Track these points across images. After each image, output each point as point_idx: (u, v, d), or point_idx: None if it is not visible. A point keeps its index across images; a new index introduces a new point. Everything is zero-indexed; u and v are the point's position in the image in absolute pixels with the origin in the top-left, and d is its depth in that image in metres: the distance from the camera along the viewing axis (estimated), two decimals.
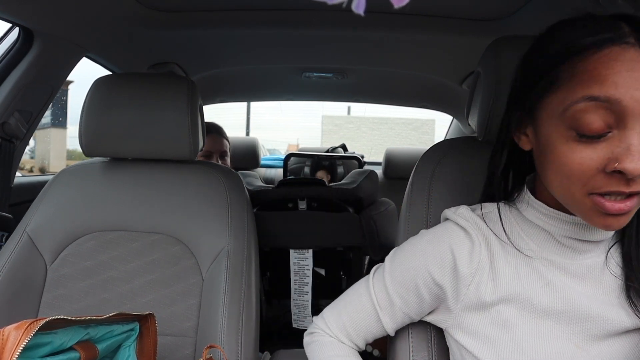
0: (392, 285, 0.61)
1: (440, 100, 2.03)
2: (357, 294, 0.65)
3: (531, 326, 0.53)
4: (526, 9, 1.04)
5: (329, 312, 0.67)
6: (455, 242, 0.57)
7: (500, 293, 0.54)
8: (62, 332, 0.57)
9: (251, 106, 12.35)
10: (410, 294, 0.60)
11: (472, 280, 0.55)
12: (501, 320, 0.54)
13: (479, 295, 0.55)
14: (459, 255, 0.56)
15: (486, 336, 0.54)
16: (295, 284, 1.43)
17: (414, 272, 0.59)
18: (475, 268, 0.55)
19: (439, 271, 0.57)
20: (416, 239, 0.62)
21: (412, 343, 0.70)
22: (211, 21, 1.22)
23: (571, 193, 0.47)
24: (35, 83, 1.15)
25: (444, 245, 0.58)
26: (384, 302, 0.62)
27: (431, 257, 0.58)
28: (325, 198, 1.49)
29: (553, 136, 0.47)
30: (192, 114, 0.91)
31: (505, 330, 0.53)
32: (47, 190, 0.97)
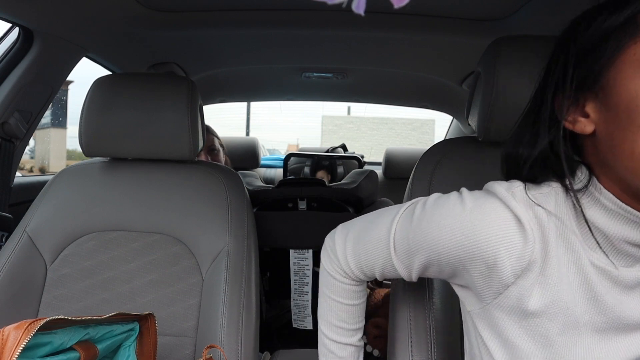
0: (415, 243, 0.54)
1: (440, 100, 2.02)
2: (378, 234, 0.59)
3: (573, 343, 0.46)
4: (526, 9, 1.04)
5: (350, 249, 0.63)
6: (502, 238, 0.47)
7: (546, 301, 0.46)
8: (62, 332, 0.57)
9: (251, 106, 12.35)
10: (433, 265, 0.53)
11: (515, 282, 0.47)
12: (541, 333, 0.47)
13: (520, 301, 0.47)
14: (503, 257, 0.46)
15: (517, 346, 0.48)
16: (295, 284, 1.43)
17: (443, 251, 0.51)
18: (522, 270, 0.46)
19: (472, 266, 0.49)
20: (456, 208, 0.51)
21: (412, 343, 0.70)
22: (211, 21, 1.22)
23: None
24: (35, 83, 1.15)
25: (487, 241, 0.47)
26: (402, 254, 0.56)
27: (467, 248, 0.48)
28: (325, 198, 1.49)
29: (636, 94, 0.40)
30: (192, 114, 0.91)
31: (542, 346, 0.47)
32: (47, 190, 0.97)
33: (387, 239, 0.57)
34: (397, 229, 0.57)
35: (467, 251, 0.49)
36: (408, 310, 0.72)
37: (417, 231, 0.54)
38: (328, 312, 0.68)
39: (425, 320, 0.71)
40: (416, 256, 0.54)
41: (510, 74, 0.71)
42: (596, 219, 0.46)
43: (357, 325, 0.69)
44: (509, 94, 0.71)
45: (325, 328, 0.69)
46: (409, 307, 0.73)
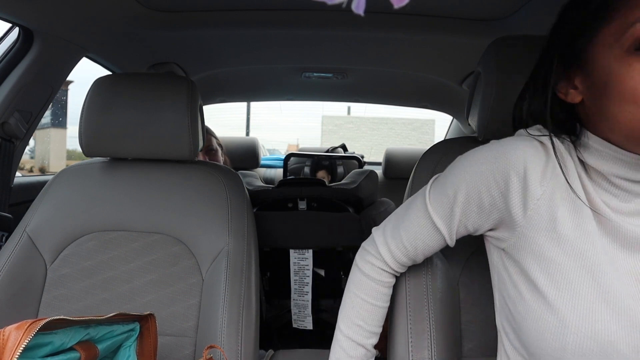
0: (454, 192, 0.58)
1: (440, 100, 2.03)
2: (414, 208, 0.64)
3: (603, 256, 0.50)
4: (526, 9, 1.04)
5: (389, 233, 0.66)
6: (529, 152, 0.54)
7: (572, 218, 0.52)
8: (62, 333, 0.57)
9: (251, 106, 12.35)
10: (472, 204, 0.57)
11: (543, 195, 0.53)
12: (571, 245, 0.51)
13: (551, 213, 0.52)
14: (531, 167, 0.53)
15: (553, 260, 0.51)
16: (295, 284, 1.43)
17: (479, 179, 0.56)
18: (548, 182, 0.53)
19: (505, 183, 0.54)
20: (485, 147, 0.59)
21: (412, 343, 0.70)
22: (211, 21, 1.22)
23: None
24: (35, 83, 1.15)
25: (516, 155, 0.54)
26: (443, 213, 0.60)
27: (500, 166, 0.55)
28: (325, 198, 1.49)
29: (614, 65, 0.47)
30: (192, 114, 0.91)
31: (575, 258, 0.50)
32: (47, 190, 0.97)
33: (424, 206, 0.62)
34: (431, 192, 0.62)
35: (500, 168, 0.55)
36: (408, 310, 0.72)
37: (451, 177, 0.60)
38: (350, 309, 0.69)
39: (425, 320, 0.71)
40: (457, 200, 0.58)
41: (510, 74, 0.71)
42: (589, 160, 0.53)
43: (374, 328, 0.69)
44: (509, 94, 0.71)
45: (342, 324, 0.69)
46: (409, 307, 0.73)
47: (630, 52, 0.45)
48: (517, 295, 0.55)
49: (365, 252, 0.70)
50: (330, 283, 1.58)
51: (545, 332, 0.50)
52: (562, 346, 0.49)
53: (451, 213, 0.59)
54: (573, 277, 0.50)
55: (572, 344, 0.48)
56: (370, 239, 0.71)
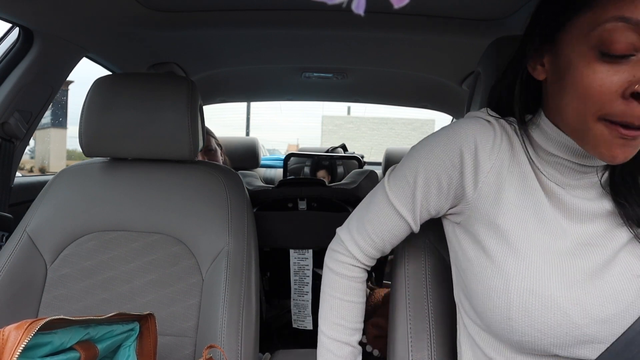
0: (413, 177, 0.61)
1: (440, 100, 2.03)
2: (375, 201, 0.65)
3: (545, 225, 0.54)
4: (526, 9, 1.04)
5: (354, 229, 0.68)
6: (479, 130, 0.57)
7: (517, 190, 0.55)
8: (62, 332, 0.57)
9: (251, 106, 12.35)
10: (431, 185, 0.60)
11: (492, 169, 0.56)
12: (516, 214, 0.55)
13: (498, 184, 0.56)
14: (481, 143, 0.56)
15: (500, 226, 0.55)
16: (295, 284, 1.43)
17: (436, 161, 0.59)
18: (495, 156, 0.56)
19: (459, 160, 0.57)
20: (436, 132, 0.62)
21: (412, 343, 0.70)
22: (211, 21, 1.22)
23: (584, 118, 0.47)
24: (35, 83, 1.15)
25: (467, 134, 0.57)
26: (404, 199, 0.62)
27: (454, 146, 0.58)
28: (325, 198, 1.49)
29: (576, 58, 0.47)
30: (192, 114, 0.91)
31: (518, 223, 0.54)
32: (47, 190, 0.97)
33: (385, 196, 0.64)
34: (390, 181, 0.64)
35: (454, 147, 0.58)
36: (408, 310, 0.72)
37: (407, 164, 0.62)
38: (328, 311, 0.71)
39: (425, 320, 0.71)
40: (417, 184, 0.60)
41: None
42: (544, 144, 0.55)
43: (355, 324, 0.71)
44: None
45: (324, 327, 0.70)
46: (409, 307, 0.73)
47: (595, 51, 0.45)
48: (468, 263, 0.58)
49: (334, 252, 0.72)
50: None
51: (491, 291, 0.53)
52: (507, 304, 0.51)
53: (413, 198, 0.61)
54: (516, 240, 0.53)
55: (516, 300, 0.51)
56: (336, 238, 0.73)
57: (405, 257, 0.75)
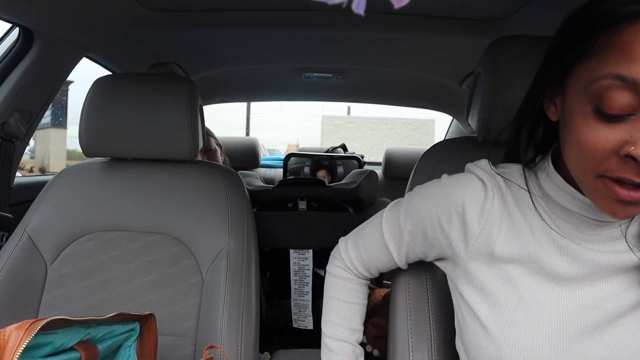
0: (404, 220, 0.63)
1: (440, 100, 2.03)
2: (372, 225, 0.69)
3: (539, 287, 0.52)
4: (526, 9, 1.04)
5: (351, 243, 0.72)
6: (469, 191, 0.57)
7: (511, 250, 0.54)
8: (62, 333, 0.57)
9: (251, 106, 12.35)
10: (418, 233, 0.61)
11: (482, 232, 0.55)
12: (508, 277, 0.53)
13: (488, 247, 0.55)
14: (470, 207, 0.56)
15: (490, 291, 0.54)
16: (295, 284, 1.43)
17: (425, 214, 0.60)
18: (485, 220, 0.55)
19: (447, 221, 0.58)
20: (436, 182, 0.63)
21: (412, 343, 0.70)
22: (211, 21, 1.22)
23: (583, 172, 0.45)
24: (35, 83, 1.15)
25: (457, 195, 0.57)
26: (393, 234, 0.65)
27: (443, 205, 0.58)
28: (325, 198, 1.49)
29: (575, 109, 0.45)
30: (192, 114, 0.91)
31: (511, 288, 0.53)
32: (47, 190, 0.97)
33: (379, 225, 0.67)
34: (388, 214, 0.67)
35: (443, 206, 0.58)
36: (408, 310, 0.72)
37: (405, 205, 0.64)
38: (329, 312, 0.73)
39: (425, 320, 0.71)
40: (405, 227, 0.63)
41: (510, 74, 0.71)
42: (552, 193, 0.53)
43: (356, 325, 0.72)
44: (509, 94, 0.71)
45: (326, 328, 0.73)
46: (409, 307, 0.73)
47: (592, 106, 0.43)
48: (462, 318, 0.58)
49: (333, 258, 0.76)
50: None
51: (484, 357, 0.53)
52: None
53: (400, 237, 0.64)
54: (509, 308, 0.52)
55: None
56: (336, 246, 0.77)
57: None
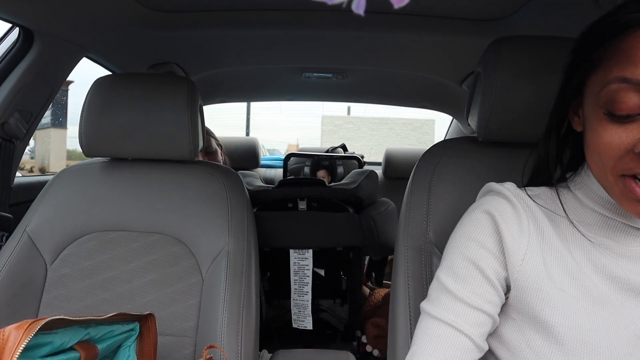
0: (452, 281, 0.54)
1: (440, 100, 2.03)
2: (423, 329, 0.55)
3: (589, 312, 0.50)
4: (526, 9, 1.04)
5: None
6: (499, 211, 0.54)
7: (556, 273, 0.51)
8: (62, 332, 0.57)
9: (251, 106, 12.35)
10: (472, 278, 0.53)
11: (525, 255, 0.52)
12: (556, 302, 0.50)
13: (535, 274, 0.51)
14: (505, 226, 0.53)
15: (544, 320, 0.50)
16: (295, 284, 1.43)
17: (466, 252, 0.55)
18: (527, 242, 0.52)
19: (486, 237, 0.54)
20: (458, 225, 0.59)
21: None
22: (211, 21, 1.22)
23: (605, 173, 0.47)
24: (35, 83, 1.15)
25: (484, 215, 0.55)
26: (453, 310, 0.53)
27: (475, 225, 0.55)
28: (325, 198, 1.49)
29: (590, 116, 0.48)
30: (192, 114, 0.91)
31: (565, 317, 0.49)
32: (47, 190, 0.97)
33: (436, 321, 0.54)
34: (431, 303, 0.56)
35: (479, 229, 0.55)
36: (408, 311, 0.72)
37: (450, 267, 0.56)
38: None
39: None
40: (461, 287, 0.54)
41: (510, 74, 0.71)
42: (590, 204, 0.53)
43: None
44: (509, 94, 0.71)
45: None
46: (409, 307, 0.73)
47: (604, 110, 0.45)
48: (507, 351, 0.53)
49: None
50: (330, 283, 1.58)
51: None
52: None
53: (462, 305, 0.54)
54: (566, 337, 0.49)
55: None
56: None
57: (405, 257, 0.76)
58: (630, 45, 0.43)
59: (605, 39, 0.46)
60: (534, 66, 0.71)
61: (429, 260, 0.74)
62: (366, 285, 1.85)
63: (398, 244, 0.78)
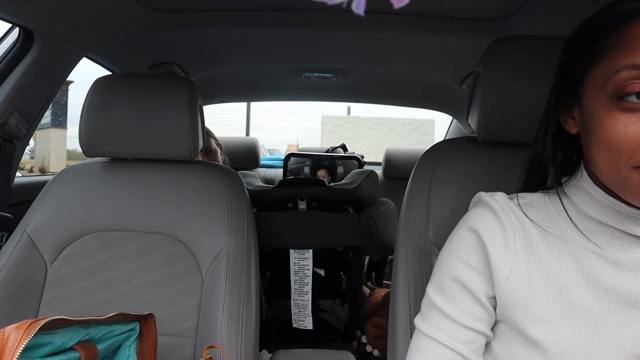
0: (442, 299, 0.55)
1: (440, 100, 2.03)
2: (416, 346, 0.56)
3: (575, 328, 0.48)
4: (526, 9, 1.04)
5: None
6: (484, 228, 0.53)
7: (543, 286, 0.50)
8: (62, 332, 0.57)
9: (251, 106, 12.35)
10: (460, 298, 0.54)
11: (510, 273, 0.51)
12: (542, 317, 0.49)
13: (520, 291, 0.51)
14: (491, 244, 0.52)
15: (529, 336, 0.49)
16: (295, 284, 1.43)
17: (453, 271, 0.55)
18: (512, 259, 0.51)
19: (472, 257, 0.54)
20: (446, 243, 0.59)
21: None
22: (211, 21, 1.22)
23: (617, 168, 0.45)
24: (35, 83, 1.15)
25: (470, 234, 0.54)
26: (444, 328, 0.54)
27: (461, 244, 0.55)
28: (325, 198, 1.49)
29: (596, 109, 0.46)
30: (192, 114, 0.91)
31: (550, 333, 0.49)
32: (47, 190, 0.97)
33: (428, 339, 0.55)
34: (424, 319, 0.57)
35: (463, 246, 0.55)
36: (408, 311, 0.72)
37: (439, 283, 0.57)
38: None
39: None
40: (451, 306, 0.54)
41: (510, 74, 0.71)
42: (585, 208, 0.52)
43: None
44: (509, 94, 0.71)
45: None
46: (409, 307, 0.73)
47: (613, 99, 0.44)
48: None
49: None
50: (330, 283, 1.58)
51: None
52: None
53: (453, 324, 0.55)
54: (554, 352, 0.48)
55: None
56: None
57: (405, 257, 0.76)
58: (637, 33, 0.43)
59: (607, 30, 0.46)
60: (534, 66, 0.71)
61: (429, 260, 0.74)
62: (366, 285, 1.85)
63: (398, 244, 0.78)
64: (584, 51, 0.49)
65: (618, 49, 0.44)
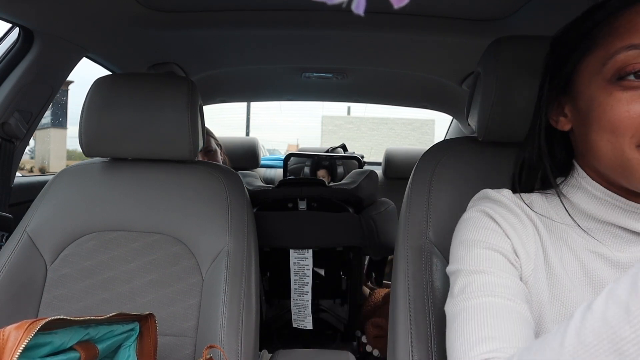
0: (479, 265, 0.50)
1: (440, 100, 2.03)
2: (454, 319, 0.52)
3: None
4: (526, 9, 1.04)
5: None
6: (505, 219, 0.53)
7: (549, 287, 0.50)
8: (62, 332, 0.57)
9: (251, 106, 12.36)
10: (494, 260, 0.50)
11: (534, 268, 0.51)
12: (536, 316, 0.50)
13: (537, 288, 0.50)
14: (516, 236, 0.51)
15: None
16: (295, 284, 1.43)
17: (479, 244, 0.52)
18: (534, 254, 0.51)
19: (498, 241, 0.52)
20: (458, 232, 0.56)
21: (412, 343, 0.70)
22: (211, 21, 1.22)
23: (620, 149, 0.45)
24: (35, 83, 1.15)
25: (488, 219, 0.53)
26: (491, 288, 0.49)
27: (486, 232, 0.52)
28: (325, 198, 1.49)
29: (595, 94, 0.47)
30: (192, 114, 0.91)
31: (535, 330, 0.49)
32: (47, 190, 0.97)
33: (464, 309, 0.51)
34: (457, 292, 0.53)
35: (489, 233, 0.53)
36: (408, 311, 0.72)
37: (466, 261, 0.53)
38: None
39: (425, 321, 0.71)
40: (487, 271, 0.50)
41: (510, 74, 0.71)
42: (585, 206, 0.52)
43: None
44: (509, 94, 0.71)
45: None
46: (409, 307, 0.73)
47: (612, 81, 0.45)
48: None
49: None
50: (330, 283, 1.58)
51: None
52: None
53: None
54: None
55: None
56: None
57: (405, 257, 0.76)
58: (630, 19, 0.45)
59: (596, 22, 0.48)
60: (534, 66, 0.71)
61: (429, 260, 0.74)
62: (366, 285, 1.85)
63: (398, 244, 0.78)
64: (575, 46, 0.50)
65: (612, 35, 0.46)
